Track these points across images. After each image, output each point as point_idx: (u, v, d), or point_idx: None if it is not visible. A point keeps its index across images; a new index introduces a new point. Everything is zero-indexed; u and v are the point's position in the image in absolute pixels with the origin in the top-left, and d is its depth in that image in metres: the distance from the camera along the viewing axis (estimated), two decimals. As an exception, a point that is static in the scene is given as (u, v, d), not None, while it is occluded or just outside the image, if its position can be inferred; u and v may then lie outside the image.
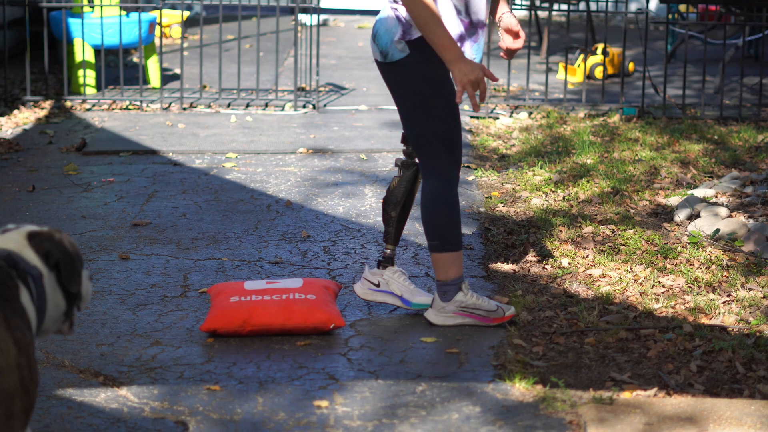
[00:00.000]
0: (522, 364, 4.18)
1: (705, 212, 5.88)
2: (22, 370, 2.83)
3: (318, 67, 8.93)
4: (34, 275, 2.95)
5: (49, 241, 3.01)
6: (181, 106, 8.76)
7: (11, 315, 2.84)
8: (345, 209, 6.18)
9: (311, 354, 4.30)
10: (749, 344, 4.33)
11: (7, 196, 6.39)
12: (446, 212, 4.46)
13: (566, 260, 5.33)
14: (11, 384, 2.81)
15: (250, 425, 3.72)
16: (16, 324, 2.84)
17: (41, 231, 3.04)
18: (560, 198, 6.36)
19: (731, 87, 9.81)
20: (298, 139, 7.81)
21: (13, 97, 8.86)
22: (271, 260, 5.35)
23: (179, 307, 4.77)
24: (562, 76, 10.03)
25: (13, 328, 2.83)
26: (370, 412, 3.82)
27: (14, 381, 2.82)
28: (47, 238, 3.02)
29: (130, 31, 9.08)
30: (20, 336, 2.84)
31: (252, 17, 13.23)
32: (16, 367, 2.82)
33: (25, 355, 2.85)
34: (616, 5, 10.54)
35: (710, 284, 5.03)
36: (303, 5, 9.17)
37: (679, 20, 10.65)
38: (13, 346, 2.82)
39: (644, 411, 3.75)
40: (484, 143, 7.75)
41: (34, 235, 3.02)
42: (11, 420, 2.83)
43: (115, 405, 3.85)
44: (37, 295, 2.95)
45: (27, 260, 2.96)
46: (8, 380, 2.81)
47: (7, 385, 2.80)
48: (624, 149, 7.44)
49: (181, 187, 6.59)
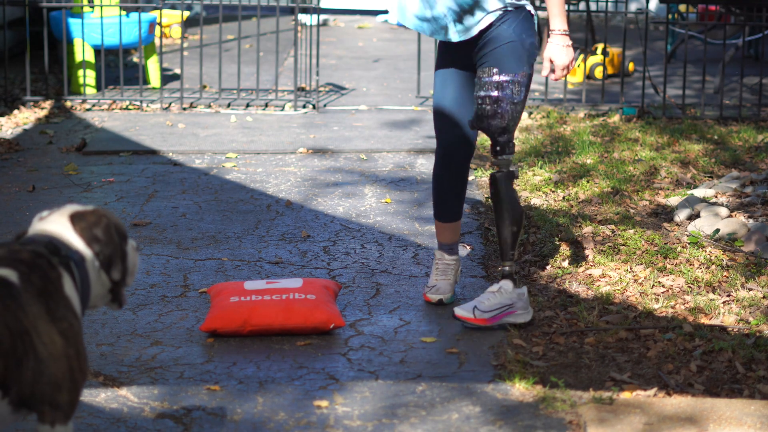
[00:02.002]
0: (522, 364, 4.18)
1: (705, 212, 5.88)
2: (71, 360, 2.85)
3: (318, 67, 8.93)
4: (76, 260, 2.95)
5: (93, 227, 3.00)
6: (181, 106, 8.76)
7: (55, 306, 2.85)
8: (345, 209, 6.18)
9: (311, 354, 4.30)
10: (749, 344, 4.33)
11: (7, 196, 6.39)
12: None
13: (566, 260, 5.33)
14: (58, 375, 2.83)
15: (250, 425, 3.72)
16: (61, 315, 2.85)
17: (84, 211, 3.03)
18: (560, 198, 6.36)
19: (731, 87, 9.81)
20: (298, 139, 7.81)
21: (13, 97, 8.86)
22: (271, 260, 5.35)
23: (179, 307, 4.77)
24: (562, 76, 10.02)
25: (58, 319, 2.84)
26: (370, 412, 3.82)
27: (62, 372, 2.84)
28: (90, 221, 3.02)
29: (130, 31, 9.08)
30: (67, 326, 2.86)
31: (252, 17, 13.22)
32: (64, 357, 2.83)
33: (74, 346, 2.86)
34: (616, 5, 10.54)
35: (710, 284, 5.03)
36: (303, 5, 9.17)
37: (679, 20, 10.65)
38: (59, 337, 2.83)
39: (644, 411, 3.75)
40: (485, 143, 7.75)
41: (77, 217, 3.02)
42: (57, 411, 2.85)
43: (115, 405, 3.85)
44: (80, 279, 2.95)
45: (69, 244, 2.96)
46: (55, 371, 2.83)
47: (53, 376, 2.82)
48: (624, 149, 7.44)
49: (181, 187, 6.59)
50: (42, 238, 2.95)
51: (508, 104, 4.41)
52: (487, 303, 4.47)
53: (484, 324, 4.46)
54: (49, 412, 2.85)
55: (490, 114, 4.41)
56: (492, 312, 4.47)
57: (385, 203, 6.29)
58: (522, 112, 4.50)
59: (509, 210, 4.48)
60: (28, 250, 2.90)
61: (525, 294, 4.54)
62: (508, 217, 4.48)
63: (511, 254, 4.52)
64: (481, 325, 4.46)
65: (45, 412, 2.84)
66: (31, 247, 2.91)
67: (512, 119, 4.43)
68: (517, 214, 4.48)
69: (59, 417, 2.85)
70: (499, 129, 4.43)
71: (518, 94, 4.41)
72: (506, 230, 4.49)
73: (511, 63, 4.41)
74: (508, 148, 4.47)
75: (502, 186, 4.48)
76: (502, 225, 4.50)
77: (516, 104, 4.42)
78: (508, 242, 4.50)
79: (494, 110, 4.41)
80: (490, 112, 4.41)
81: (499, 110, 4.41)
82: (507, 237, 4.50)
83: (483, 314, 4.46)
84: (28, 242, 2.94)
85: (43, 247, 2.91)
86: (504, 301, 4.49)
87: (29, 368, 2.79)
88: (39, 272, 2.86)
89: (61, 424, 2.86)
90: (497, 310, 4.47)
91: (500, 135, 4.45)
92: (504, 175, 4.48)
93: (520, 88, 4.42)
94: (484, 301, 4.48)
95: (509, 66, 4.41)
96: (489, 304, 4.47)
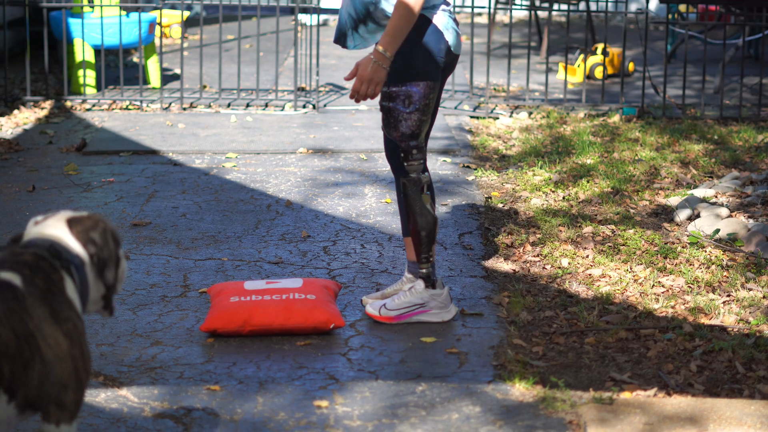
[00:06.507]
0: (522, 364, 4.18)
1: (705, 212, 5.88)
2: (77, 361, 2.87)
3: (318, 67, 8.93)
4: (77, 264, 2.96)
5: (90, 230, 3.02)
6: (181, 106, 8.76)
7: (59, 308, 2.86)
8: (345, 209, 6.18)
9: (311, 354, 4.30)
10: (749, 344, 4.33)
11: (7, 196, 6.39)
12: None
13: (566, 260, 5.33)
14: (64, 375, 2.84)
15: (250, 425, 3.72)
16: (65, 316, 2.87)
17: (80, 216, 3.05)
18: (560, 198, 6.36)
19: (731, 87, 9.81)
20: (298, 139, 7.81)
21: (13, 97, 8.86)
22: (271, 260, 5.35)
23: (179, 307, 4.77)
24: (562, 76, 10.03)
25: (62, 320, 2.85)
26: (370, 412, 3.82)
27: (67, 372, 2.85)
28: (87, 225, 3.03)
29: (130, 31, 9.08)
30: (71, 327, 2.87)
31: (252, 17, 13.22)
32: (69, 358, 2.85)
33: (78, 346, 2.88)
34: (616, 5, 10.55)
35: (710, 284, 5.03)
36: (303, 5, 9.17)
37: (679, 20, 10.65)
38: (64, 339, 2.85)
39: (644, 411, 3.75)
40: (484, 143, 7.75)
41: (74, 221, 3.03)
42: (63, 410, 2.86)
43: (115, 405, 3.85)
44: (80, 283, 2.96)
45: (69, 249, 2.97)
46: (60, 372, 2.84)
47: (59, 377, 2.83)
48: (624, 149, 7.44)
49: (181, 187, 6.59)
50: (43, 241, 2.95)
51: (399, 114, 4.46)
52: (396, 302, 4.63)
53: (389, 321, 4.61)
54: (55, 411, 2.86)
55: (387, 124, 4.52)
56: (399, 310, 4.61)
57: (385, 203, 6.29)
58: (422, 120, 4.49)
59: (417, 215, 4.57)
60: (30, 252, 2.91)
61: (443, 294, 4.63)
62: (417, 222, 4.57)
63: (424, 257, 4.63)
64: (386, 322, 4.61)
65: (50, 412, 2.85)
66: (32, 250, 2.91)
67: (408, 127, 4.48)
68: (424, 221, 4.56)
69: (65, 417, 2.86)
70: (398, 137, 4.52)
71: (410, 105, 4.45)
72: (416, 235, 4.60)
73: (401, 74, 4.43)
74: (411, 155, 4.54)
75: (408, 192, 4.57)
76: (413, 229, 4.60)
77: (410, 113, 4.46)
78: (419, 246, 4.61)
79: (388, 120, 4.50)
80: (387, 122, 4.52)
81: (391, 120, 4.49)
82: (417, 241, 4.61)
83: (389, 312, 4.62)
84: (29, 245, 2.95)
85: (44, 251, 2.92)
86: (414, 300, 4.62)
87: (35, 371, 2.80)
88: (42, 275, 2.87)
89: (66, 423, 2.87)
90: (405, 309, 4.62)
91: (401, 142, 4.53)
92: (411, 181, 4.55)
93: (411, 99, 4.44)
94: (395, 299, 4.64)
95: (399, 77, 4.44)
96: (397, 303, 4.62)
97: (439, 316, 4.63)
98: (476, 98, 9.11)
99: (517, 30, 13.43)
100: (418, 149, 4.52)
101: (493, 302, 4.82)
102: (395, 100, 4.45)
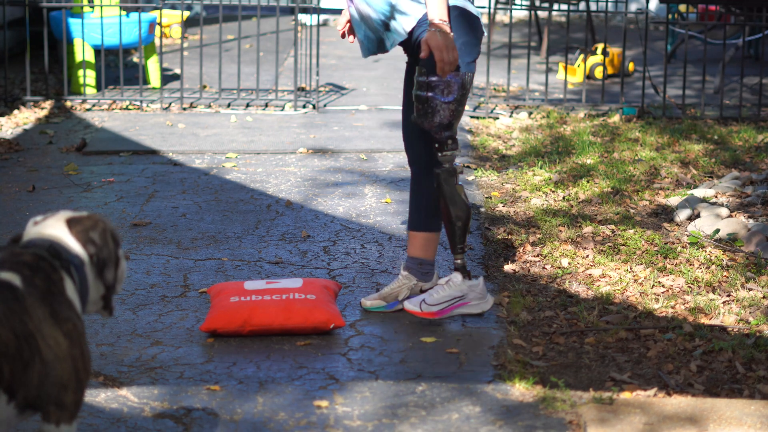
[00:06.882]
0: (522, 364, 4.18)
1: (705, 212, 5.88)
2: (76, 361, 2.86)
3: (318, 67, 8.92)
4: (76, 264, 2.96)
5: (89, 230, 3.02)
6: (181, 106, 8.76)
7: (59, 308, 2.86)
8: (345, 209, 6.18)
9: (311, 354, 4.30)
10: (749, 344, 4.33)
11: (7, 196, 6.39)
12: None
13: (566, 260, 5.33)
14: (64, 375, 2.85)
15: (250, 425, 3.72)
16: (65, 316, 2.86)
17: (80, 216, 3.04)
18: (560, 198, 6.36)
19: (731, 87, 9.81)
20: (298, 139, 7.81)
21: (13, 97, 8.86)
22: (271, 260, 5.36)
23: (179, 307, 4.77)
24: (562, 76, 10.03)
25: (62, 320, 2.85)
26: (370, 412, 3.83)
27: (67, 372, 2.85)
28: (87, 225, 3.03)
29: (130, 31, 9.08)
30: (71, 327, 2.87)
31: (252, 17, 13.22)
32: (69, 358, 2.85)
33: (78, 346, 2.88)
34: (616, 5, 10.55)
35: (710, 284, 5.04)
36: (303, 5, 9.17)
37: (679, 20, 10.65)
38: (64, 339, 2.84)
39: (644, 411, 3.75)
40: (484, 143, 7.75)
41: (74, 221, 3.02)
42: (63, 410, 2.86)
43: (115, 405, 3.85)
44: (80, 283, 2.96)
45: (69, 249, 2.97)
46: (61, 372, 2.84)
47: (59, 377, 2.83)
48: (624, 149, 7.44)
49: (181, 187, 6.59)
50: (43, 241, 2.95)
51: (437, 104, 4.45)
52: (435, 296, 4.56)
53: (432, 317, 4.55)
54: (55, 412, 2.86)
55: (422, 113, 4.48)
56: (440, 305, 4.55)
57: (385, 203, 6.29)
58: (458, 110, 4.50)
59: (451, 205, 4.54)
60: (30, 253, 2.91)
61: (479, 285, 4.60)
62: (452, 213, 4.55)
63: (460, 248, 4.59)
64: (429, 318, 4.56)
65: (50, 412, 2.85)
66: (32, 251, 2.91)
67: (445, 117, 4.47)
68: (459, 210, 4.54)
69: (65, 417, 2.86)
70: (434, 127, 4.49)
71: (449, 95, 4.44)
72: (450, 225, 4.57)
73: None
74: (446, 145, 4.52)
75: (442, 183, 4.55)
76: (447, 220, 4.57)
77: (448, 103, 4.45)
78: (454, 237, 4.58)
79: (425, 110, 4.47)
80: (422, 112, 4.49)
81: (428, 110, 4.47)
82: (452, 232, 4.57)
83: (430, 308, 4.55)
84: (29, 246, 2.94)
85: (44, 251, 2.92)
86: (454, 294, 4.57)
87: (35, 371, 2.79)
88: (42, 275, 2.87)
89: (66, 423, 2.87)
90: (446, 303, 4.56)
91: (436, 133, 4.51)
92: (444, 172, 4.54)
93: (450, 88, 4.44)
94: (433, 294, 4.57)
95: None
96: (437, 297, 4.56)
97: (479, 307, 4.59)
98: (476, 98, 9.11)
99: (517, 30, 13.44)
100: (453, 140, 4.52)
101: (493, 302, 4.82)
102: (434, 90, 4.43)
